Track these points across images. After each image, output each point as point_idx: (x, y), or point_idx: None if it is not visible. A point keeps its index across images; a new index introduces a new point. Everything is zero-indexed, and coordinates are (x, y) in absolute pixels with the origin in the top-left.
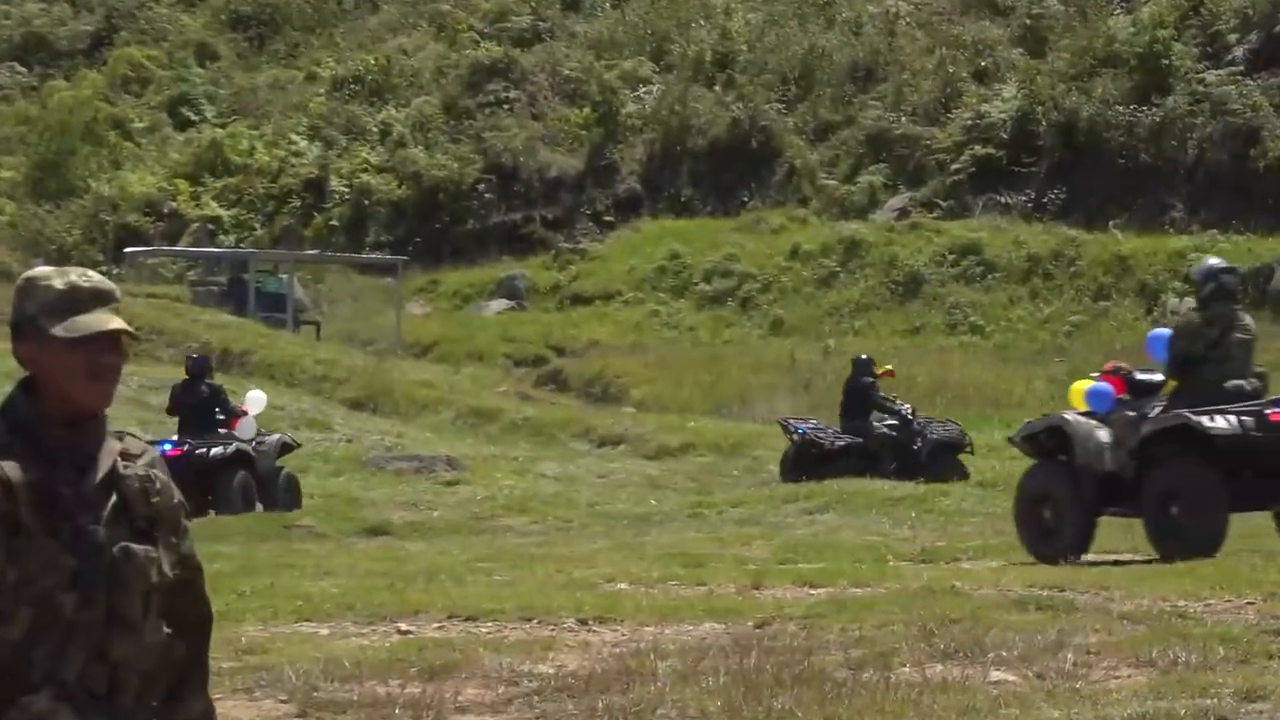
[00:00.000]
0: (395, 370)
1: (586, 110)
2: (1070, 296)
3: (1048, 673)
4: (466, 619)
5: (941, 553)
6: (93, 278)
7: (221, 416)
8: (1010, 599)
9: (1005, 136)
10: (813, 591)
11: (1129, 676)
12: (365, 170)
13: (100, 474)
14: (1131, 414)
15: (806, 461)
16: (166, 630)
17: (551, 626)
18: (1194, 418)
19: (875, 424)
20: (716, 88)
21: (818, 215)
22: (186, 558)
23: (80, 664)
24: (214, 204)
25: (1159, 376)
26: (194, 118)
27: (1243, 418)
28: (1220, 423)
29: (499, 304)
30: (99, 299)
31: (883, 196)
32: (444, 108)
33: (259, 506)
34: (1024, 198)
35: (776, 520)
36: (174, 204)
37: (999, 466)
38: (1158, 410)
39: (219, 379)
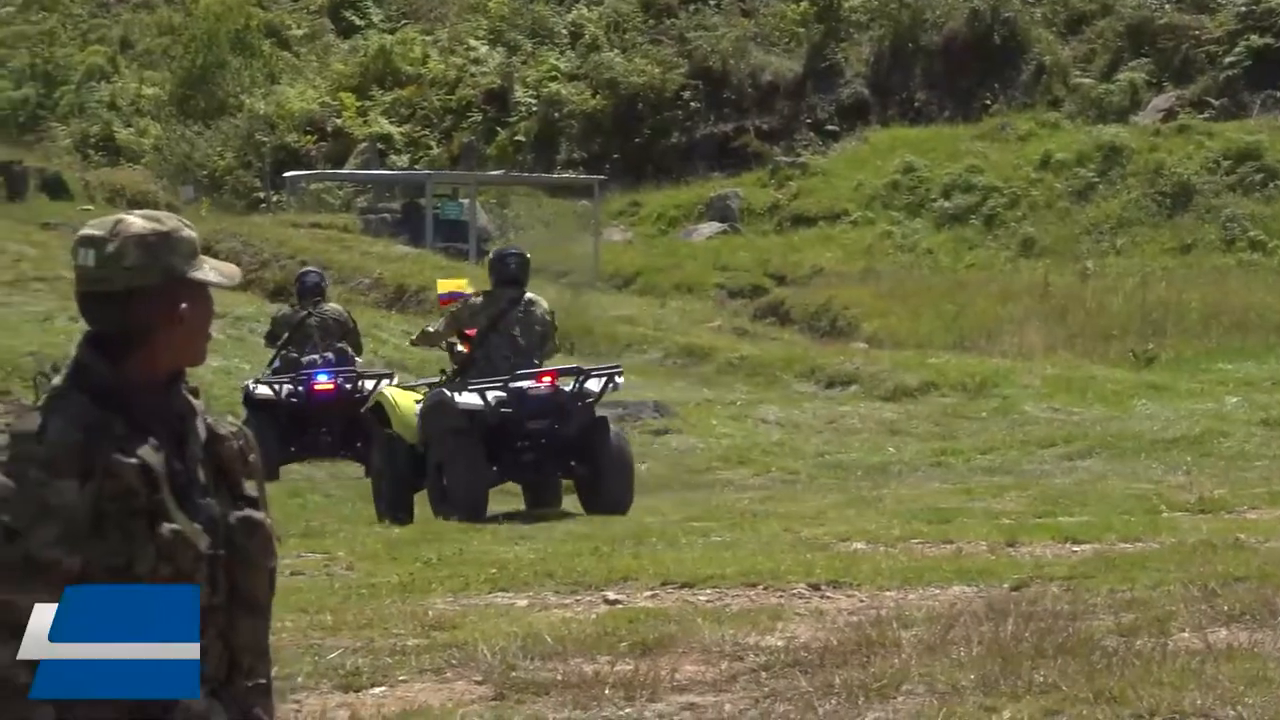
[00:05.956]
0: (594, 305)
1: (804, 4)
2: None
3: None
4: (682, 586)
5: (1223, 502)
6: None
7: None
8: None
9: None
10: (1076, 548)
11: None
12: (554, 78)
13: (200, 439)
14: None
15: None
16: None
17: (779, 593)
18: None
19: None
20: None
21: (1071, 119)
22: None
23: (217, 655)
24: (383, 120)
25: None
26: (359, 23)
27: None
28: None
29: (710, 227)
30: None
31: (1146, 96)
32: (643, 5)
33: None
34: None
35: (1032, 468)
36: (338, 121)
37: None
38: None
39: (394, 319)
